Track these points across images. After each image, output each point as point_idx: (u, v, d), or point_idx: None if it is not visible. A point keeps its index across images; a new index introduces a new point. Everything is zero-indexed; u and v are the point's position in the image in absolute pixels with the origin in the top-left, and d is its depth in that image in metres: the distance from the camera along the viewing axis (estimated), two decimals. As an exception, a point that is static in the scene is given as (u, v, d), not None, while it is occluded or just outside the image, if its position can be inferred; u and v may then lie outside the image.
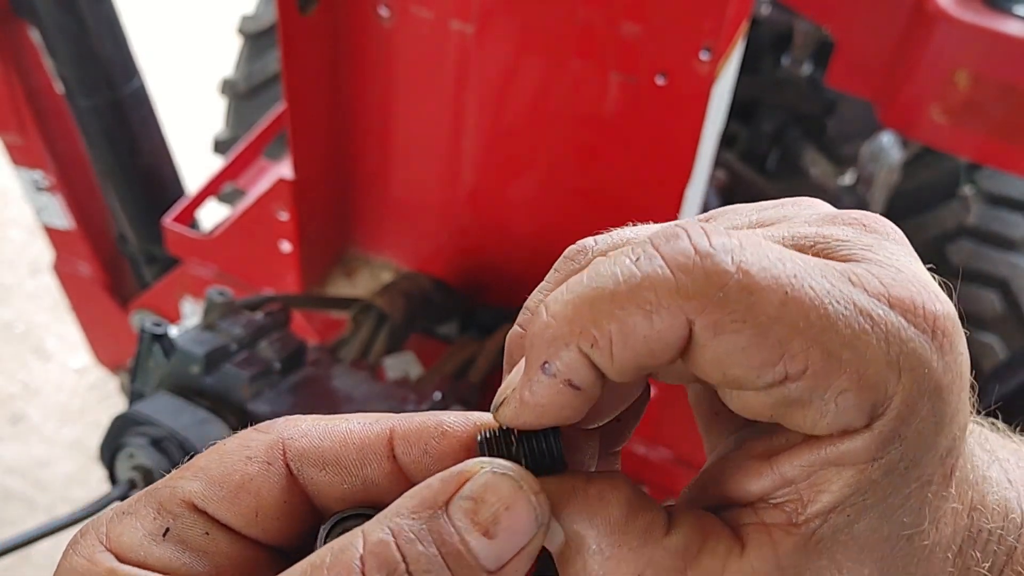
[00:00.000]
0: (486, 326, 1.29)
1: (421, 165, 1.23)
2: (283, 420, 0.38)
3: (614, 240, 0.37)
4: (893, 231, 0.36)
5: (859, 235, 0.34)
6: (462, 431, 0.36)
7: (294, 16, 1.07)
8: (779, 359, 0.31)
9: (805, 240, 0.34)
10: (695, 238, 0.32)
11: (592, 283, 0.32)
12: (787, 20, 1.76)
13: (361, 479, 0.36)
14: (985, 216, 1.81)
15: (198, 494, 0.36)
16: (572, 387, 0.32)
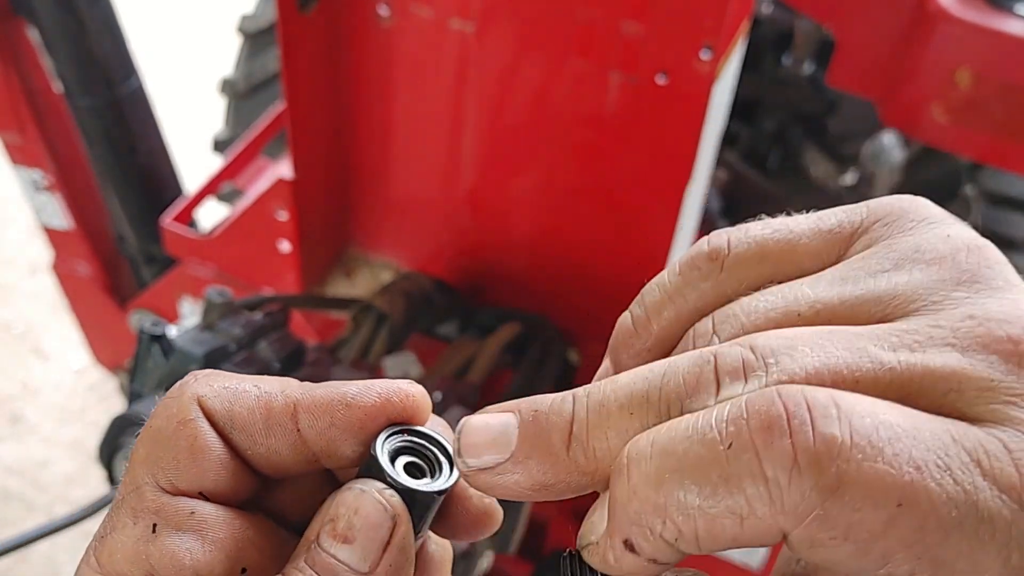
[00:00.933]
0: (486, 326, 1.29)
1: (421, 165, 1.23)
2: (194, 377, 0.38)
3: (748, 246, 0.35)
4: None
5: (1009, 375, 0.28)
6: (366, 401, 0.37)
7: (293, 15, 1.06)
8: (881, 567, 0.28)
9: (938, 383, 0.29)
10: (796, 431, 0.27)
11: (680, 464, 0.29)
12: (788, 19, 1.76)
13: (266, 447, 0.37)
14: (987, 216, 1.81)
15: (161, 478, 0.36)
16: (656, 564, 0.31)
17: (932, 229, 0.33)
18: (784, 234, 0.35)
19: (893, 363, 0.29)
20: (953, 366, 0.29)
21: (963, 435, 0.28)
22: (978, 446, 0.27)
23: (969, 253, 0.32)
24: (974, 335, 0.29)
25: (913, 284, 0.31)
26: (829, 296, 0.32)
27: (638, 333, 0.36)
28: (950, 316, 0.30)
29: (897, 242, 0.33)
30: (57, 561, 2.13)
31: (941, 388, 0.29)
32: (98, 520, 0.94)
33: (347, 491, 0.36)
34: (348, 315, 1.23)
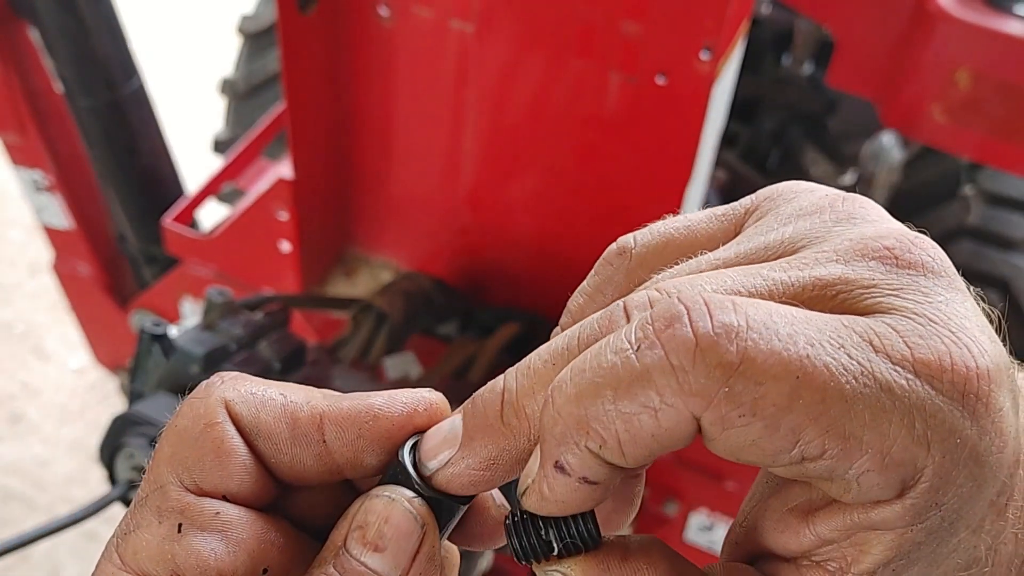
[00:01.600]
0: (486, 326, 1.29)
1: (421, 165, 1.23)
2: (221, 379, 0.39)
3: (653, 239, 0.37)
4: (931, 259, 0.32)
5: (889, 275, 0.32)
6: (393, 413, 0.38)
7: (294, 16, 1.06)
8: (793, 446, 0.29)
9: (827, 288, 0.31)
10: (696, 320, 0.29)
11: (595, 377, 0.31)
12: (788, 19, 1.76)
13: (290, 457, 0.37)
14: (986, 216, 1.81)
15: (186, 478, 0.36)
16: (588, 483, 0.32)
17: (811, 193, 0.36)
18: (683, 223, 0.38)
19: (785, 279, 0.32)
20: (838, 273, 0.32)
21: (852, 322, 0.30)
22: (868, 329, 0.30)
23: (844, 201, 0.35)
24: (854, 250, 0.32)
25: (798, 230, 0.34)
26: (727, 255, 0.35)
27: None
28: (832, 243, 0.33)
29: (782, 208, 0.36)
30: (58, 561, 2.13)
31: (830, 292, 0.31)
32: (99, 520, 0.94)
33: (376, 499, 0.36)
34: (348, 315, 1.23)
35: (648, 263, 0.37)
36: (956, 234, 1.82)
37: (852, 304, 0.31)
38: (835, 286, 0.31)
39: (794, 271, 0.32)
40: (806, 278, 0.32)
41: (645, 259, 0.37)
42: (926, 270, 0.32)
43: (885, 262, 0.32)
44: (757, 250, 0.34)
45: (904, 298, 0.31)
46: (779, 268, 0.33)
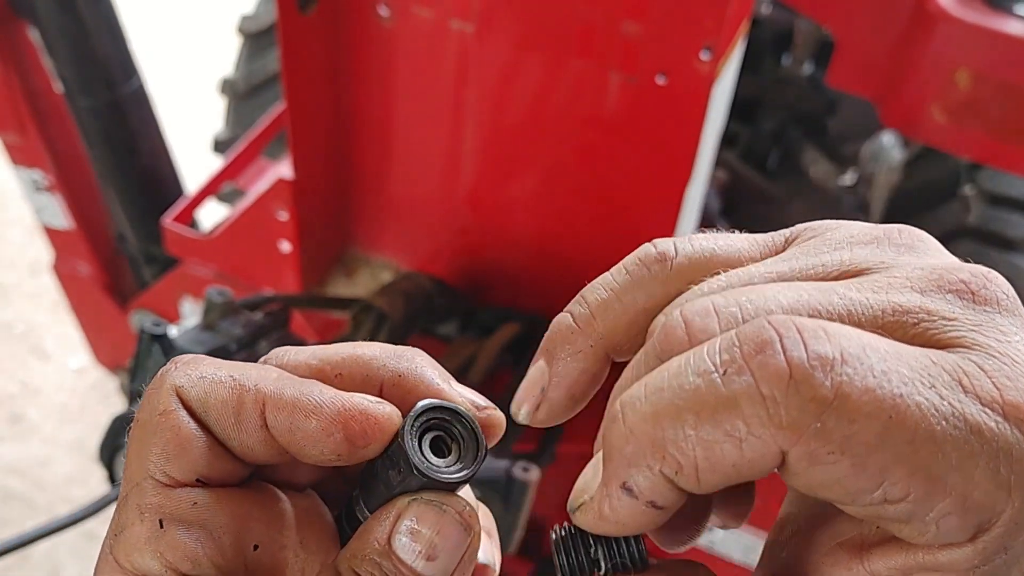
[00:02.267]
0: (486, 326, 1.29)
1: (421, 165, 1.23)
2: (174, 364, 0.39)
3: (695, 251, 0.35)
4: (1005, 296, 0.31)
5: (967, 310, 0.30)
6: (325, 415, 0.37)
7: (294, 16, 1.06)
8: (877, 487, 0.29)
9: (907, 316, 0.30)
10: (790, 349, 0.28)
11: (675, 399, 0.30)
12: (788, 20, 1.76)
13: (239, 441, 0.37)
14: (986, 216, 1.81)
15: (157, 470, 0.36)
16: (655, 507, 0.31)
17: (858, 224, 0.35)
18: (727, 242, 0.36)
19: (863, 300, 0.31)
20: (917, 302, 0.31)
21: (941, 359, 0.29)
22: (956, 368, 0.29)
23: (900, 232, 0.34)
24: (928, 279, 0.31)
25: (858, 256, 0.33)
26: (781, 269, 0.33)
27: (581, 330, 0.37)
28: (903, 270, 0.32)
29: (830, 235, 0.35)
30: (58, 561, 2.13)
31: (911, 321, 0.30)
32: (99, 520, 0.94)
33: (427, 506, 0.37)
34: (348, 315, 1.23)
35: (686, 275, 0.35)
36: (956, 234, 1.82)
37: (934, 337, 0.30)
38: (916, 314, 0.30)
39: (870, 293, 0.31)
40: (884, 303, 0.31)
41: (684, 270, 0.35)
42: (1001, 308, 0.31)
43: (962, 296, 0.31)
44: (815, 267, 0.33)
45: (986, 335, 0.30)
46: (854, 288, 0.31)
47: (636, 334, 0.36)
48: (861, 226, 0.35)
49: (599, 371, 0.37)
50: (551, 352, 0.37)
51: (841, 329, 0.29)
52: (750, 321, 0.30)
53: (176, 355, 1.01)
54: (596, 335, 0.36)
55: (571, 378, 0.37)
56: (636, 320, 0.36)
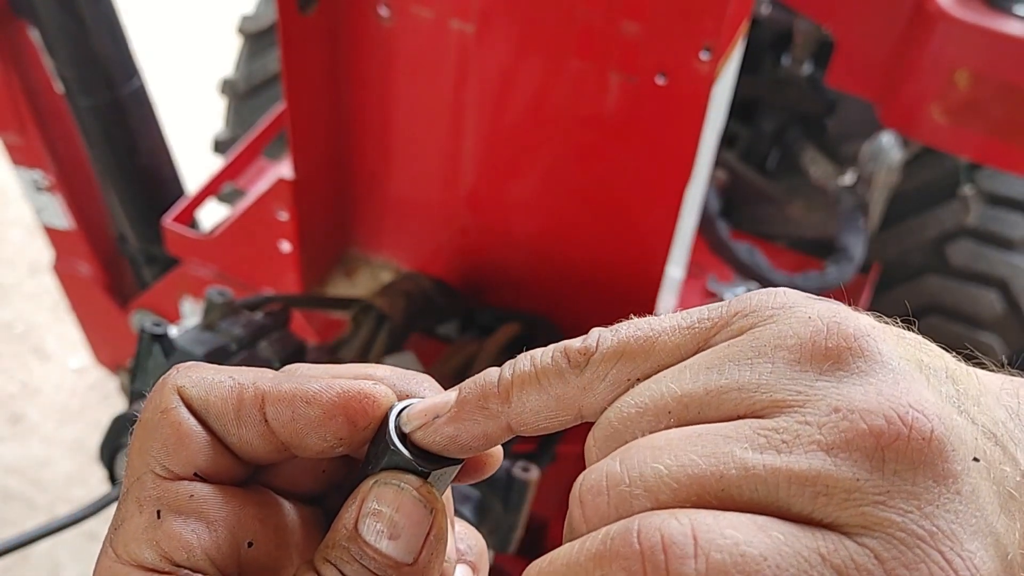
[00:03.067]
0: (486, 326, 1.29)
1: (421, 165, 1.23)
2: (177, 369, 0.41)
3: (618, 346, 0.35)
4: (924, 441, 0.29)
5: (874, 474, 0.29)
6: (325, 400, 0.39)
7: (294, 16, 1.06)
8: None
9: (806, 489, 0.29)
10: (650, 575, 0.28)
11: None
12: (787, 20, 1.76)
13: (238, 437, 0.39)
14: (985, 216, 1.81)
15: (156, 465, 0.38)
16: None
17: (793, 313, 0.33)
18: (645, 332, 0.35)
19: (759, 468, 0.29)
20: (818, 469, 0.29)
21: (832, 551, 0.28)
22: (848, 561, 0.27)
23: (828, 335, 0.32)
24: (839, 431, 0.29)
25: (777, 374, 0.31)
26: (694, 388, 0.32)
27: (498, 396, 0.37)
28: (816, 410, 0.30)
29: (760, 331, 0.33)
30: (58, 561, 2.13)
31: (809, 493, 0.29)
32: (99, 520, 0.95)
33: (385, 487, 0.38)
34: (348, 315, 1.23)
35: (601, 371, 0.35)
36: (956, 234, 1.82)
37: (832, 515, 0.28)
38: (815, 486, 0.29)
39: (772, 455, 0.29)
40: (783, 470, 0.29)
41: (599, 365, 0.35)
42: (917, 460, 0.29)
43: (870, 455, 0.29)
44: (729, 390, 0.32)
45: (890, 508, 0.28)
46: (755, 445, 0.30)
47: (543, 418, 0.36)
48: (793, 321, 0.33)
49: (497, 438, 0.38)
50: (465, 397, 0.38)
51: (715, 535, 0.28)
52: (620, 529, 0.30)
53: (177, 355, 1.02)
54: (508, 409, 0.37)
55: (466, 431, 0.38)
56: (547, 406, 0.36)
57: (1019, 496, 0.30)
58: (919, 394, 0.30)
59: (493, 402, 0.37)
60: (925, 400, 0.30)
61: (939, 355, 0.34)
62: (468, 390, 0.38)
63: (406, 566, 0.37)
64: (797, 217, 1.90)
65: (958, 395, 0.32)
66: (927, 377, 0.31)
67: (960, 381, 0.33)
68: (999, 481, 0.30)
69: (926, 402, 0.30)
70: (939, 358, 0.33)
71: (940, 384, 0.32)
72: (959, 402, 0.31)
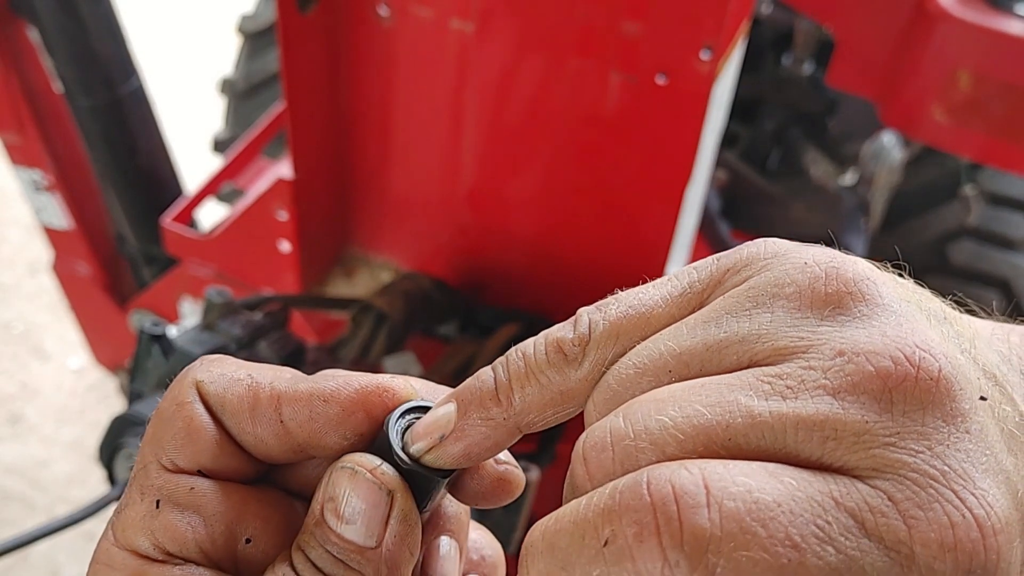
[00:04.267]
0: (486, 326, 1.29)
1: (421, 165, 1.23)
2: (200, 362, 0.41)
3: (610, 324, 0.34)
4: (932, 381, 0.28)
5: (883, 415, 0.28)
6: (343, 396, 0.38)
7: (294, 15, 1.06)
8: None
9: (815, 434, 0.28)
10: (664, 529, 0.27)
11: (566, 562, 0.30)
12: (788, 19, 1.76)
13: (253, 435, 0.39)
14: (986, 216, 1.81)
15: (163, 457, 0.38)
16: None
17: (787, 260, 0.32)
18: (637, 309, 0.34)
19: (765, 415, 0.29)
20: (826, 413, 0.28)
21: (845, 495, 0.27)
22: (862, 504, 0.27)
23: (827, 281, 0.31)
24: (844, 374, 0.29)
25: (777, 322, 0.31)
26: (693, 344, 0.32)
27: (498, 400, 0.36)
28: (820, 355, 0.29)
29: (755, 280, 0.32)
30: (57, 561, 2.13)
31: (818, 437, 0.28)
32: (98, 520, 0.94)
33: (340, 471, 0.37)
34: (348, 315, 1.23)
35: (600, 355, 0.35)
36: (957, 234, 1.82)
37: (842, 459, 0.28)
38: (823, 431, 0.28)
39: (776, 401, 0.29)
40: (790, 416, 0.29)
41: (596, 350, 0.35)
42: (926, 400, 0.28)
43: (879, 397, 0.28)
44: (729, 343, 0.31)
45: (901, 449, 0.28)
46: (759, 392, 0.29)
47: (550, 414, 0.36)
48: (789, 266, 0.32)
49: (505, 442, 0.37)
50: (464, 406, 0.37)
51: (727, 483, 0.27)
52: (630, 482, 0.29)
53: (176, 355, 1.01)
54: (511, 410, 0.36)
55: (473, 441, 0.37)
56: (552, 401, 0.35)
57: (1020, 435, 0.30)
58: (924, 334, 0.29)
59: (495, 410, 0.36)
60: (931, 340, 0.29)
61: (934, 299, 0.33)
62: (466, 400, 0.37)
63: (369, 550, 0.37)
64: (798, 217, 1.90)
65: (957, 336, 0.31)
66: (928, 318, 0.31)
67: (956, 323, 0.32)
68: (1002, 420, 0.30)
69: (932, 342, 0.29)
70: (935, 301, 0.33)
71: (941, 325, 0.31)
72: (959, 342, 0.31)
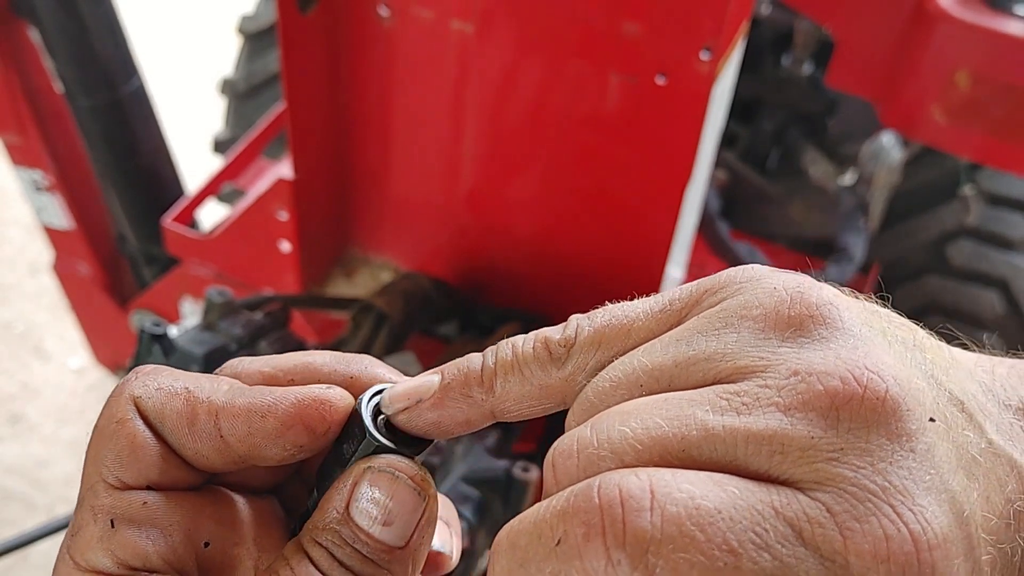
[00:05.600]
0: (486, 326, 1.29)
1: (421, 165, 1.23)
2: (135, 375, 0.41)
3: (595, 332, 0.36)
4: (878, 400, 0.29)
5: (828, 431, 0.29)
6: (280, 411, 0.39)
7: (294, 16, 1.06)
8: None
9: (763, 447, 0.29)
10: (608, 530, 0.29)
11: (525, 559, 0.31)
12: (788, 20, 1.76)
13: (193, 450, 0.39)
14: (985, 216, 1.81)
15: (109, 475, 0.39)
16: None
17: (759, 284, 0.34)
18: (620, 319, 0.36)
19: (718, 428, 0.30)
20: (774, 428, 0.29)
21: (786, 505, 0.28)
22: (801, 514, 0.28)
23: (792, 304, 0.32)
24: (796, 392, 0.30)
25: (742, 342, 0.32)
26: (664, 360, 0.33)
27: (482, 383, 0.38)
28: (776, 374, 0.31)
29: (727, 304, 0.34)
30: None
31: (766, 451, 0.29)
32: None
33: (380, 474, 0.38)
34: (348, 315, 1.23)
35: (580, 360, 0.36)
36: (956, 234, 1.82)
37: (787, 472, 0.29)
38: (771, 445, 0.29)
39: (732, 416, 0.30)
40: (740, 430, 0.30)
41: (578, 355, 0.36)
42: (871, 419, 0.29)
43: (825, 414, 0.29)
44: (696, 360, 0.33)
45: (843, 464, 0.29)
46: (716, 408, 0.31)
47: (527, 406, 0.37)
48: (759, 291, 0.33)
49: (477, 422, 0.39)
50: (448, 380, 0.38)
51: (672, 489, 0.29)
52: (583, 487, 0.30)
53: (176, 355, 1.02)
54: (491, 396, 0.38)
55: (448, 413, 0.38)
56: (530, 394, 0.37)
57: (983, 461, 0.31)
58: (877, 357, 0.31)
59: (476, 390, 0.38)
60: (881, 362, 0.30)
61: (908, 327, 0.34)
62: (451, 376, 0.38)
63: (398, 549, 0.38)
64: (797, 217, 1.90)
65: (926, 362, 0.32)
66: (889, 343, 0.32)
67: (929, 351, 0.33)
68: (961, 445, 0.31)
69: (882, 364, 0.30)
70: (907, 330, 0.34)
71: (906, 351, 0.32)
72: (926, 368, 0.32)
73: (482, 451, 1.05)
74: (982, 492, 0.30)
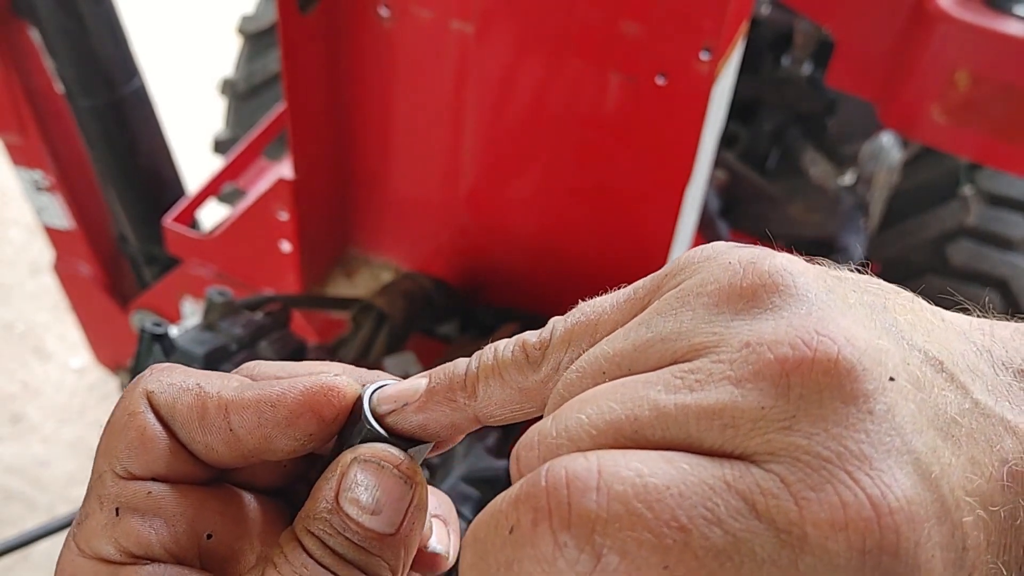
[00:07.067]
0: (486, 326, 1.29)
1: (421, 165, 1.23)
2: (151, 371, 0.42)
3: (567, 329, 0.37)
4: (830, 363, 0.28)
5: (779, 399, 0.28)
6: (289, 400, 0.40)
7: (294, 16, 1.07)
8: None
9: (715, 422, 0.29)
10: (555, 512, 0.28)
11: (485, 551, 0.31)
12: (787, 20, 1.76)
13: (203, 444, 0.40)
14: (985, 216, 1.81)
15: (117, 466, 0.40)
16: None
17: (716, 261, 0.33)
18: (588, 315, 0.37)
19: (669, 407, 0.29)
20: (725, 401, 0.29)
21: (738, 478, 0.27)
22: (753, 486, 0.27)
23: (744, 275, 0.32)
24: (747, 364, 0.29)
25: (696, 319, 0.31)
26: (624, 346, 0.33)
27: (465, 388, 0.38)
28: (728, 348, 0.30)
29: (686, 284, 0.33)
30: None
31: (718, 426, 0.29)
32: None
33: (366, 464, 0.39)
34: (348, 315, 1.23)
35: (553, 360, 0.37)
36: (955, 234, 1.82)
37: (740, 445, 0.28)
38: (722, 418, 0.29)
39: (685, 393, 0.30)
40: (691, 406, 0.29)
41: (551, 354, 0.37)
42: (823, 383, 0.28)
43: (777, 383, 0.28)
44: (653, 342, 0.32)
45: (795, 432, 0.28)
46: (669, 387, 0.30)
47: (509, 410, 0.38)
48: (715, 268, 0.33)
49: (464, 427, 0.39)
50: (433, 386, 0.39)
51: (620, 468, 0.28)
52: (533, 474, 0.30)
53: (177, 355, 1.02)
54: (474, 399, 0.38)
55: (432, 417, 0.39)
56: (512, 398, 0.38)
57: (963, 422, 0.30)
58: (830, 320, 0.30)
59: (460, 395, 0.38)
60: (836, 325, 0.29)
61: (880, 291, 0.33)
62: (436, 380, 0.39)
63: (388, 536, 0.39)
64: (797, 217, 1.90)
65: (897, 323, 0.31)
66: (850, 306, 0.31)
67: (904, 313, 0.32)
68: (936, 405, 0.30)
69: (835, 326, 0.29)
70: (877, 294, 0.33)
71: (872, 313, 0.31)
72: (896, 330, 0.31)
73: (482, 451, 1.05)
74: (964, 453, 0.29)
